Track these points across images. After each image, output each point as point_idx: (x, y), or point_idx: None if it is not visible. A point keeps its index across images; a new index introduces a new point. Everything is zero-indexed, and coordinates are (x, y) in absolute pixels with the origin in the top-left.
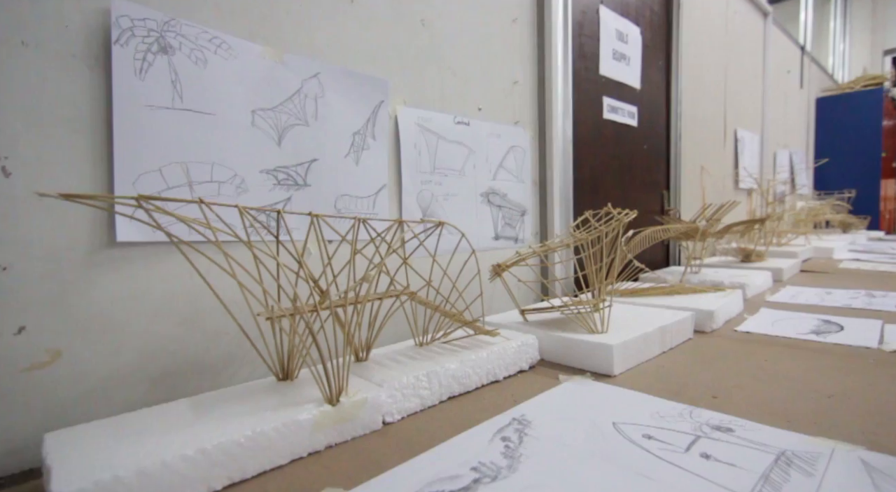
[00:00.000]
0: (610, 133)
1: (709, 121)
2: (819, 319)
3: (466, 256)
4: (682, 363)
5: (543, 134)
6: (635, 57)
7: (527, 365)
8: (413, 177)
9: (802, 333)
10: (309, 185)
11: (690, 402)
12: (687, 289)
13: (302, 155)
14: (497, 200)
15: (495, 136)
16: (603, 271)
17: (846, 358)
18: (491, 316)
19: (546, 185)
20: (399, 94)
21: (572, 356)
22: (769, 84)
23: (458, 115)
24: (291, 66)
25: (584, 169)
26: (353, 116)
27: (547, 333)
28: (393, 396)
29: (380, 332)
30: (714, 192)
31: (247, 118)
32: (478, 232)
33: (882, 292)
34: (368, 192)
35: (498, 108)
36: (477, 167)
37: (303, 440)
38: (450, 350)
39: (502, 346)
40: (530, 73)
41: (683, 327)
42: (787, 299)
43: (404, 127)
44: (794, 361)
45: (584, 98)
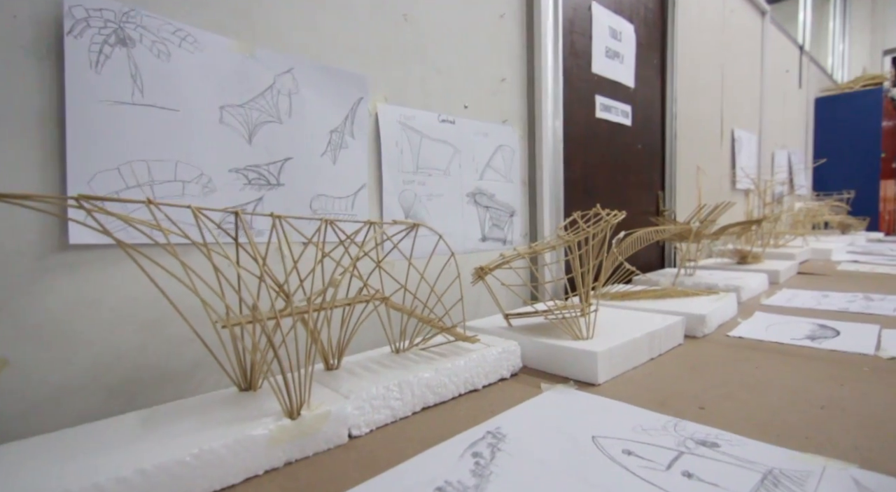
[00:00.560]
0: (603, 132)
1: (705, 120)
2: (814, 324)
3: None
4: (671, 371)
5: (533, 133)
6: (629, 55)
7: (508, 373)
8: (395, 176)
9: (797, 338)
10: (282, 184)
11: (676, 413)
12: (679, 292)
13: (275, 153)
14: (484, 200)
15: (482, 134)
16: (590, 275)
17: (841, 365)
18: (475, 321)
19: (536, 185)
20: (380, 91)
21: (556, 364)
22: (767, 83)
23: (442, 113)
24: (263, 60)
25: (575, 169)
26: (330, 114)
27: (530, 339)
28: (360, 407)
29: (351, 339)
30: (711, 192)
31: (214, 114)
32: (464, 233)
33: (880, 295)
34: (347, 192)
35: (485, 106)
36: (463, 167)
37: (258, 457)
38: (426, 358)
39: (481, 353)
40: (519, 70)
41: (673, 333)
42: (783, 303)
43: (385, 125)
44: (786, 369)
45: (576, 96)
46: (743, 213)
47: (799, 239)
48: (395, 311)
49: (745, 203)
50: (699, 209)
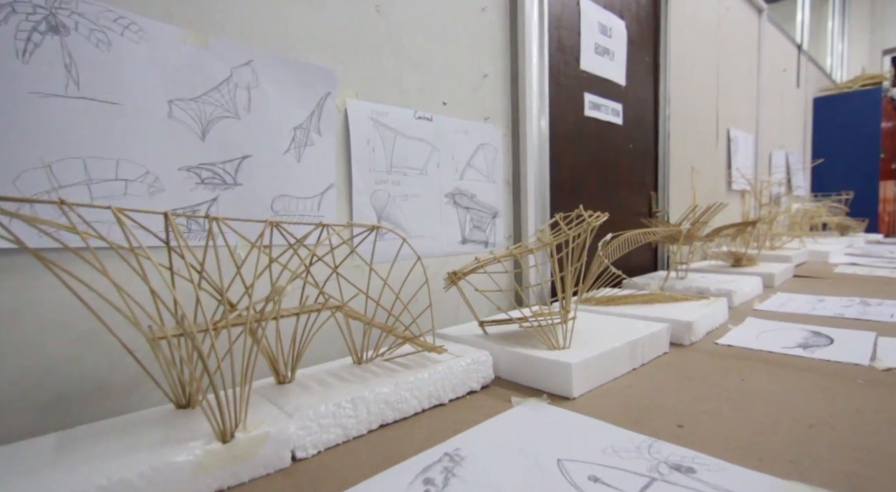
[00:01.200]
0: (592, 131)
1: (700, 119)
2: (808, 331)
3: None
4: (652, 383)
5: (517, 131)
6: (620, 52)
7: (478, 385)
8: (366, 176)
9: (788, 346)
10: (240, 184)
11: (652, 432)
12: (668, 297)
13: (231, 151)
14: (464, 201)
15: (462, 132)
16: (570, 279)
17: (833, 378)
18: (448, 328)
19: (520, 185)
20: (350, 86)
21: (530, 375)
22: (764, 83)
23: (419, 109)
24: (219, 51)
25: (563, 169)
26: (293, 109)
27: (504, 348)
28: (307, 427)
29: (304, 350)
30: (706, 193)
31: (162, 109)
32: (442, 236)
33: (877, 300)
34: (313, 192)
35: (465, 103)
36: (441, 166)
37: (181, 486)
38: (389, 370)
39: (448, 365)
40: (502, 66)
41: (658, 341)
42: (776, 308)
43: (355, 121)
44: (774, 382)
45: (563, 94)
46: (739, 214)
47: (796, 241)
48: (355, 320)
49: (742, 204)
50: (690, 211)
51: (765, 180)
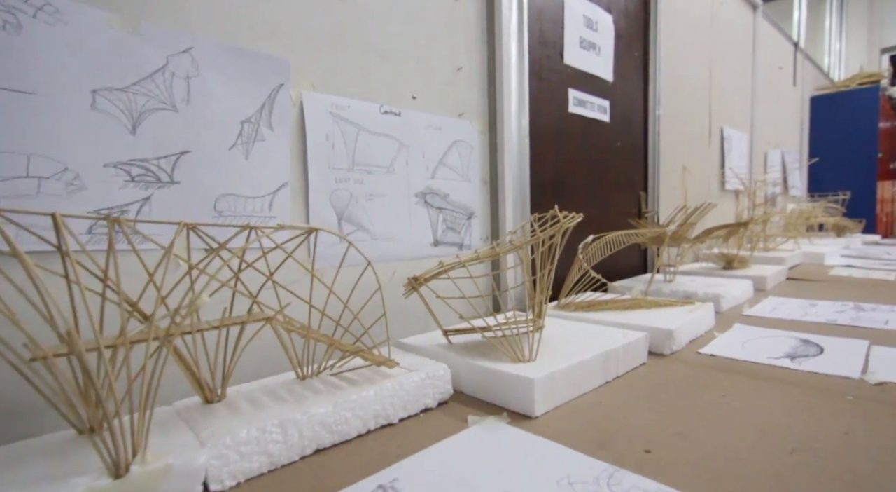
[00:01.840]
0: (577, 128)
1: (692, 118)
2: (797, 339)
3: (393, 268)
4: (623, 400)
5: (494, 128)
6: (607, 46)
7: (434, 402)
8: (324, 174)
9: (775, 357)
10: (177, 182)
11: (615, 459)
12: (651, 302)
13: (167, 146)
14: (437, 201)
15: (434, 128)
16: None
17: (821, 394)
18: (412, 337)
19: (498, 184)
20: (306, 77)
21: (491, 391)
22: (759, 81)
23: (385, 103)
24: (151, 37)
25: (545, 167)
26: (240, 101)
27: (465, 360)
28: (223, 456)
29: (233, 366)
30: (698, 193)
31: (84, 99)
32: (412, 238)
33: (872, 305)
34: (263, 191)
35: (437, 97)
36: (411, 164)
37: None
38: (333, 387)
39: (400, 380)
40: (478, 59)
41: (635, 351)
42: (766, 313)
43: (312, 115)
44: (757, 398)
45: (546, 89)
46: (733, 214)
47: (791, 242)
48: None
49: (736, 205)
50: (678, 211)
51: (759, 180)
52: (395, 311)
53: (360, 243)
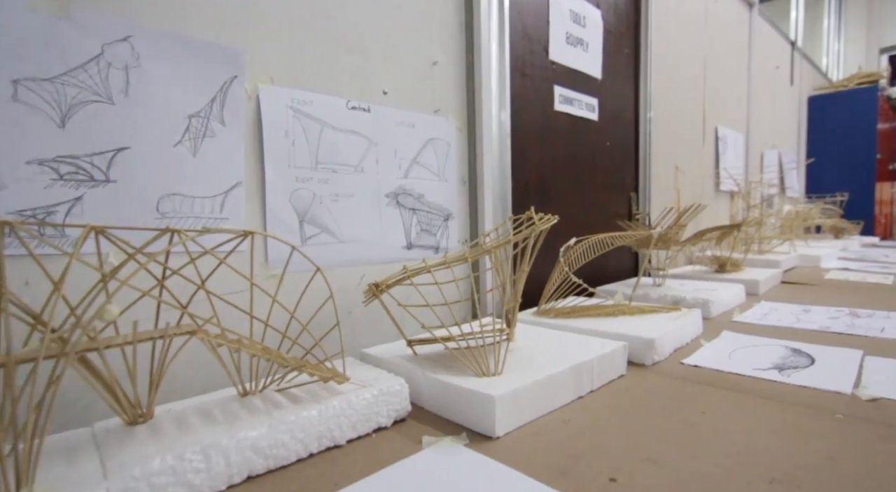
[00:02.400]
0: (563, 127)
1: (685, 117)
2: (787, 348)
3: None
4: (595, 417)
5: (473, 125)
6: (595, 43)
7: (389, 420)
8: (283, 173)
9: (762, 368)
10: (113, 181)
11: (576, 490)
12: (635, 308)
13: (102, 142)
14: (410, 201)
15: (408, 125)
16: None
17: (808, 411)
18: (376, 347)
19: (477, 184)
20: (263, 69)
21: (451, 408)
22: (755, 80)
23: (353, 99)
24: (84, 23)
25: (529, 167)
26: (188, 94)
27: (426, 374)
28: (129, 490)
29: (158, 383)
30: (691, 194)
31: (4, 90)
32: (382, 240)
33: (868, 311)
34: (213, 190)
35: (411, 92)
36: (381, 162)
37: None
38: (274, 405)
39: (348, 397)
40: (455, 52)
41: (612, 363)
42: (757, 319)
43: (270, 110)
44: (739, 416)
45: (530, 85)
46: (728, 216)
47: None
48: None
49: (731, 206)
50: (666, 212)
51: (754, 181)
52: (364, 319)
53: (325, 247)
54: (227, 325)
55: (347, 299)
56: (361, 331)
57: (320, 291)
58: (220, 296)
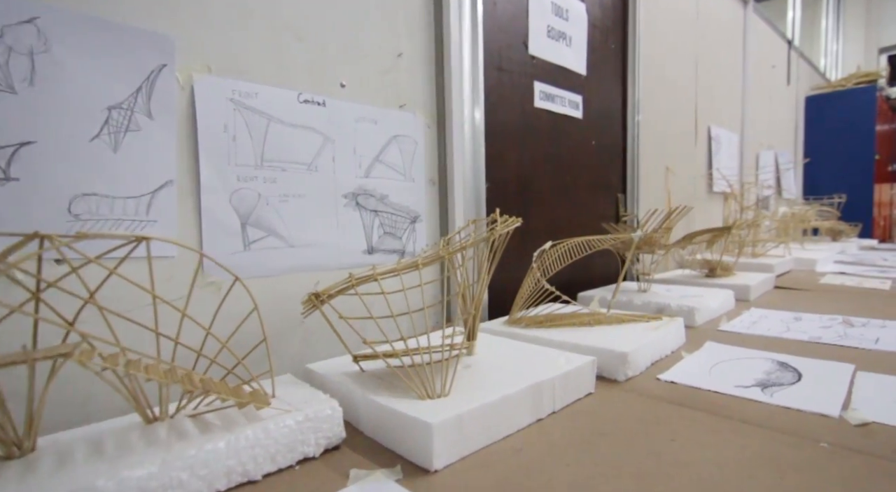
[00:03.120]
0: (544, 125)
1: (676, 116)
2: (773, 362)
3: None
4: (551, 445)
5: (443, 121)
6: (579, 37)
7: (317, 449)
8: (222, 171)
9: (744, 385)
10: (15, 179)
11: None
12: (614, 317)
13: (1, 135)
14: (371, 202)
15: (369, 121)
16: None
17: (790, 438)
18: (321, 362)
19: (447, 184)
20: (199, 57)
21: (389, 435)
22: (750, 79)
23: (306, 91)
24: None
25: (506, 166)
26: (107, 84)
27: (365, 395)
28: None
29: (39, 414)
30: (683, 196)
31: None
32: (339, 244)
33: (862, 319)
34: (138, 190)
35: (372, 86)
36: (338, 160)
37: None
38: (178, 436)
39: (265, 426)
40: (422, 44)
41: (578, 380)
42: (744, 328)
43: (206, 102)
44: (712, 444)
45: (507, 80)
46: (721, 218)
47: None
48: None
49: (724, 208)
50: (650, 215)
51: (747, 182)
52: (322, 329)
53: (273, 252)
54: (146, 343)
55: (299, 308)
56: (316, 342)
57: (267, 301)
58: (118, 312)
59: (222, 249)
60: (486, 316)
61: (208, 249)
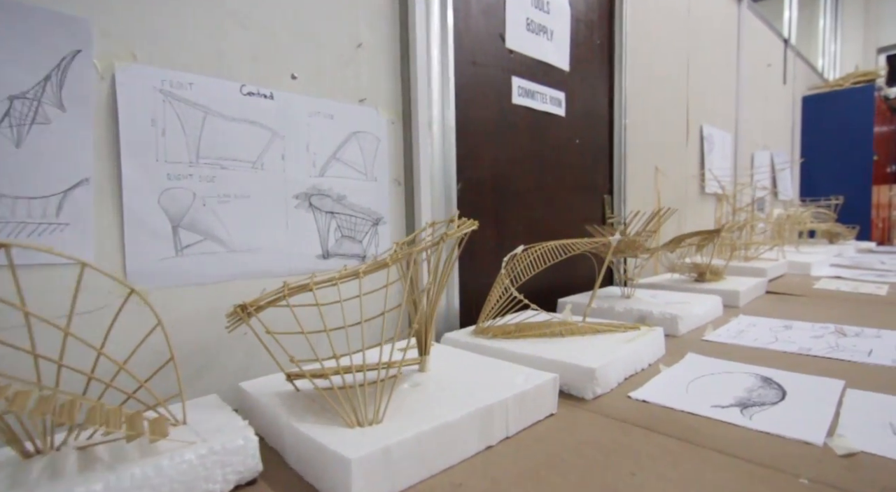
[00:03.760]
0: (523, 122)
1: (666, 114)
2: (757, 377)
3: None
4: (496, 480)
5: (409, 117)
6: (561, 31)
7: (227, 486)
8: (149, 168)
9: (722, 404)
10: None
11: None
12: (588, 327)
13: None
14: (327, 203)
15: (325, 116)
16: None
17: (766, 472)
18: (254, 381)
19: (414, 184)
20: (122, 44)
21: (311, 469)
22: (745, 77)
23: (250, 83)
24: None
25: (481, 165)
26: (7, 71)
27: (290, 422)
28: None
29: None
30: (674, 197)
31: None
32: (289, 249)
33: (856, 328)
34: (46, 189)
35: (328, 78)
36: (289, 158)
37: None
38: (52, 474)
39: (157, 463)
40: (386, 34)
41: (538, 401)
42: (730, 338)
43: (130, 93)
44: (676, 479)
45: (483, 75)
46: (714, 220)
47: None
48: None
49: (718, 209)
50: (633, 217)
51: (741, 183)
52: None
53: (212, 257)
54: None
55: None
56: (264, 354)
57: (204, 311)
58: None
59: (150, 254)
60: (457, 324)
61: (132, 255)
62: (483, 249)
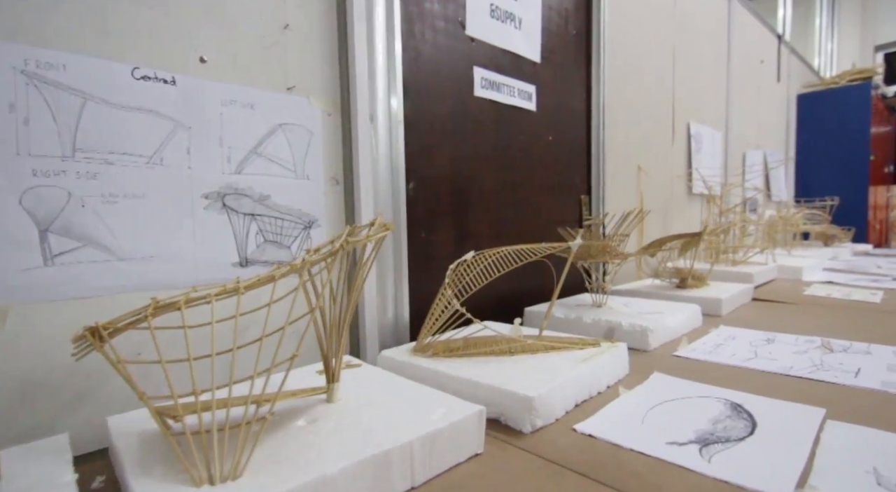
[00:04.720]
0: (488, 117)
1: (650, 110)
2: (726, 403)
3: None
4: None
5: (348, 109)
6: (531, 20)
7: None
8: (6, 163)
9: (680, 441)
10: None
11: None
12: (541, 344)
13: None
14: (246, 204)
15: (243, 105)
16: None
17: None
18: (122, 414)
19: (353, 183)
20: None
21: None
22: (736, 74)
23: (145, 65)
24: None
25: (437, 163)
26: None
27: (133, 474)
28: None
29: None
30: (659, 198)
31: None
32: (196, 256)
33: (845, 342)
34: None
35: (247, 63)
36: (196, 152)
37: None
38: None
39: None
40: (317, 13)
41: (458, 439)
42: (704, 354)
43: None
44: None
45: (438, 65)
46: (700, 223)
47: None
48: None
49: (707, 211)
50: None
51: (729, 183)
52: None
53: (94, 266)
54: None
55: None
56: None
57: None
58: None
59: (9, 264)
60: (406, 338)
61: None
62: (439, 255)
